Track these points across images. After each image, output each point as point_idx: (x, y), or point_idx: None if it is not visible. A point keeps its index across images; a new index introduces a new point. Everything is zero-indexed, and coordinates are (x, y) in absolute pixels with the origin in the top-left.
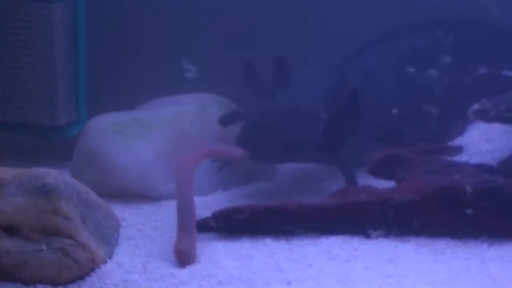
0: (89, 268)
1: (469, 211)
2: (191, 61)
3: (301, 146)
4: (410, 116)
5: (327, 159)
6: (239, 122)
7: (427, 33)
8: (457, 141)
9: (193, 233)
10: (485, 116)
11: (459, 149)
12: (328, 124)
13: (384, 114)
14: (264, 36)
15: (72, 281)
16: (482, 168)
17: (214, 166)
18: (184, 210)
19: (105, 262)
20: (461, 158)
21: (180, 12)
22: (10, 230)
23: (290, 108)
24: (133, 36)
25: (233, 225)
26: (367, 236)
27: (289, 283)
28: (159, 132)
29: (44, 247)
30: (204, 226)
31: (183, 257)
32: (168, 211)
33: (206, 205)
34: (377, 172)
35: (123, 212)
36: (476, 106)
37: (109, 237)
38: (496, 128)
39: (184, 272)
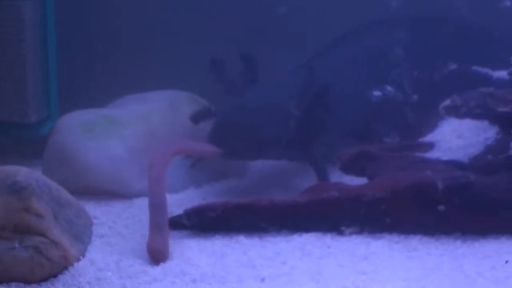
0: (62, 266)
1: (441, 207)
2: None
3: (272, 143)
4: (380, 112)
5: (299, 156)
6: (211, 119)
7: (396, 30)
8: (428, 138)
9: (166, 231)
10: (456, 112)
11: (430, 146)
12: (299, 121)
13: (354, 111)
14: (237, 32)
15: (45, 279)
16: (453, 164)
17: (186, 163)
18: (157, 207)
19: (78, 260)
20: (433, 154)
21: (150, 8)
22: None
23: (261, 105)
24: (103, 33)
25: (205, 222)
26: (340, 233)
27: (262, 280)
28: (129, 129)
29: (17, 245)
30: (177, 224)
31: (156, 255)
32: (139, 208)
33: (178, 203)
34: (348, 168)
35: (95, 210)
36: (447, 102)
37: (82, 234)
38: (467, 124)
39: (157, 270)
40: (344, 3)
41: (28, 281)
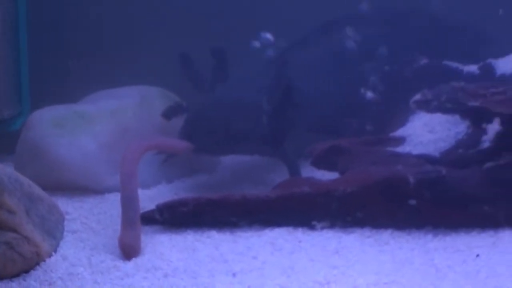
0: (34, 261)
1: (412, 201)
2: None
3: (244, 138)
4: (351, 107)
5: (270, 151)
6: (182, 115)
7: (366, 24)
8: (399, 132)
9: (138, 226)
10: (427, 106)
11: (401, 140)
12: (271, 116)
13: (324, 106)
14: (208, 27)
15: (17, 275)
16: (424, 158)
17: (157, 159)
18: (129, 203)
19: (50, 255)
20: (404, 148)
21: (121, 4)
22: None
23: (233, 100)
24: (74, 29)
25: (177, 217)
26: (312, 227)
27: (234, 275)
28: (101, 125)
29: None
30: (148, 219)
31: (128, 250)
32: (111, 204)
33: (150, 198)
34: (320, 163)
35: (67, 205)
36: (417, 97)
37: (54, 230)
38: (438, 118)
39: (129, 265)
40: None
41: (0, 277)
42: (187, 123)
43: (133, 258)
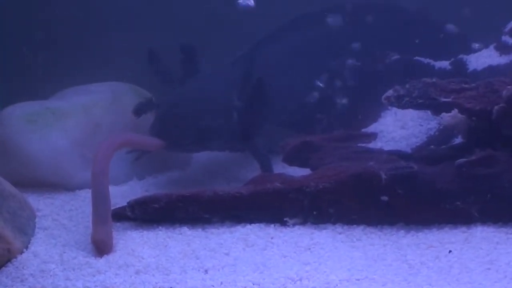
0: (6, 258)
1: (384, 198)
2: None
3: (216, 134)
4: (322, 102)
5: (242, 147)
6: (153, 111)
7: (335, 20)
8: (371, 128)
9: (110, 222)
10: (398, 102)
11: (373, 136)
12: (242, 112)
13: (295, 101)
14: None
15: None
16: (396, 154)
17: (129, 155)
18: (100, 199)
19: (21, 252)
20: (376, 144)
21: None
22: None
23: (203, 96)
24: (43, 24)
25: (149, 214)
26: (284, 223)
27: (206, 271)
28: (72, 121)
29: None
30: (120, 216)
31: (101, 246)
32: (83, 200)
33: (121, 194)
34: (291, 159)
35: (38, 202)
36: (389, 92)
37: (25, 227)
38: (410, 114)
39: (101, 262)
40: None
41: None
42: (157, 120)
43: (105, 255)
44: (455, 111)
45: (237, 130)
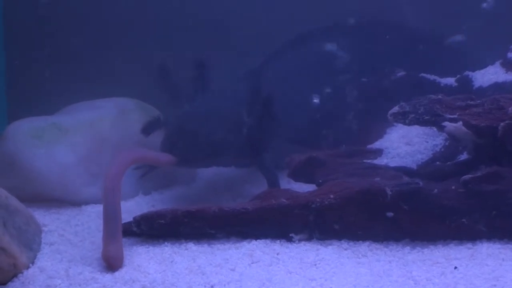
0: (12, 273)
1: (389, 214)
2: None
3: (226, 150)
4: (328, 119)
5: (250, 162)
6: (161, 129)
7: (341, 37)
8: (376, 144)
9: (120, 238)
10: (404, 118)
11: (378, 152)
12: (250, 128)
13: (301, 117)
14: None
15: None
16: (402, 170)
17: (135, 171)
18: (111, 216)
19: (27, 267)
20: (381, 161)
21: (100, 14)
22: None
23: (213, 112)
24: (52, 41)
25: (155, 229)
26: (289, 239)
27: (212, 287)
28: (78, 136)
29: None
30: (126, 231)
31: (113, 262)
32: (88, 216)
33: (127, 210)
34: (297, 175)
35: (44, 217)
36: (395, 109)
37: (31, 242)
38: (415, 131)
39: (107, 277)
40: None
41: None
42: (167, 136)
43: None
44: (459, 123)
45: (246, 146)
